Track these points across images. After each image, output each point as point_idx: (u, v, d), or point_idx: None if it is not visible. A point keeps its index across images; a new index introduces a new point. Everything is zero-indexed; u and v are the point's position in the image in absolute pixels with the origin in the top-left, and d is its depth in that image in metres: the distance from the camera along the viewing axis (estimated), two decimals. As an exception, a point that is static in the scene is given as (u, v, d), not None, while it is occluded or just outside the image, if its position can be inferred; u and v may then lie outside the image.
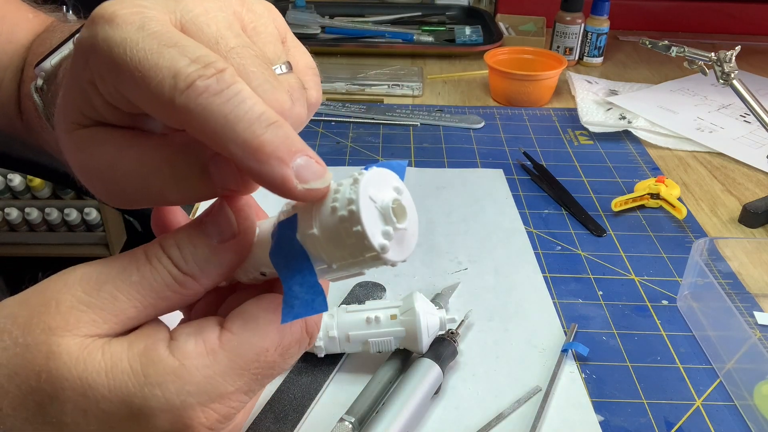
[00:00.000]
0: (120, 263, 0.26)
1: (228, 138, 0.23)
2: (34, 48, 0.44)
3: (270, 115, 0.24)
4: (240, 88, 0.23)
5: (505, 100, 0.93)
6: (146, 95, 0.24)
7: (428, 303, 0.45)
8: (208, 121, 0.23)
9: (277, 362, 0.27)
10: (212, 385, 0.25)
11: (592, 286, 0.56)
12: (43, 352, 0.25)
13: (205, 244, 0.27)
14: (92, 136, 0.27)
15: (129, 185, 0.26)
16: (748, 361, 0.44)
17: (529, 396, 0.45)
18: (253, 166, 0.23)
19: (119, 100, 0.25)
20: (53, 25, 0.46)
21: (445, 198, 0.68)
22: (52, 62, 0.38)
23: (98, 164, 0.27)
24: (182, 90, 0.23)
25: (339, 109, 0.87)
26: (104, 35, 0.24)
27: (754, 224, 0.65)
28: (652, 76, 1.04)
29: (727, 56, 0.70)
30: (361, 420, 0.41)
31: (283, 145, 0.23)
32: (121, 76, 0.24)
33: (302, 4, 1.19)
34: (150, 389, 0.25)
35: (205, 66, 0.23)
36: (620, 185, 0.72)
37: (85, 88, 0.26)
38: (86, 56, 0.25)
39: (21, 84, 0.45)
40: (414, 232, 0.27)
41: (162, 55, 0.23)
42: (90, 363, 0.25)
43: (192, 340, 0.26)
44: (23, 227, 1.65)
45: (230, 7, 0.27)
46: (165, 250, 0.27)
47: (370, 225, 0.24)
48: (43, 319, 0.25)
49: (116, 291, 0.26)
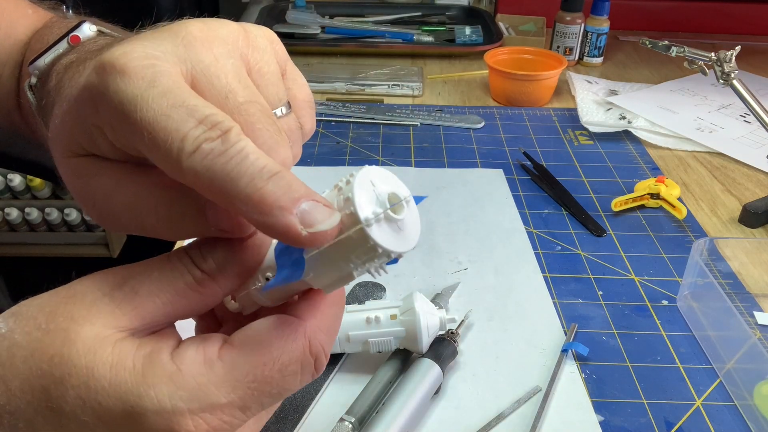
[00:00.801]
0: (145, 264, 0.27)
1: (232, 195, 0.24)
2: (32, 44, 0.45)
3: (272, 167, 0.24)
4: (243, 146, 0.24)
5: (505, 100, 0.93)
6: (155, 153, 0.25)
7: (428, 303, 0.45)
8: (213, 181, 0.24)
9: (275, 379, 0.27)
10: (204, 393, 0.25)
11: (592, 286, 0.56)
12: (60, 337, 0.26)
13: (224, 244, 0.28)
14: (89, 166, 0.28)
15: (123, 217, 0.28)
16: (748, 361, 0.44)
17: (529, 396, 0.45)
18: (258, 218, 0.24)
19: (127, 147, 0.26)
20: (51, 21, 0.46)
21: (445, 198, 0.68)
22: (45, 61, 0.38)
23: (94, 193, 0.28)
24: (189, 153, 0.24)
25: (339, 109, 0.87)
26: (115, 88, 0.25)
27: (754, 224, 0.65)
28: (652, 76, 1.04)
29: (727, 56, 0.70)
30: (361, 420, 0.41)
31: (285, 194, 0.24)
32: (132, 132, 0.25)
33: (302, 4, 1.19)
34: (145, 389, 0.25)
35: (212, 127, 0.24)
36: (620, 185, 0.72)
37: (91, 130, 0.26)
38: (95, 103, 0.26)
39: (20, 79, 0.45)
40: (412, 235, 0.27)
41: (171, 117, 0.24)
42: (99, 354, 0.25)
43: (193, 348, 0.26)
44: (23, 227, 1.65)
45: (237, 51, 0.28)
46: (187, 251, 0.28)
47: (360, 197, 0.24)
48: (68, 308, 0.26)
49: (137, 286, 0.27)
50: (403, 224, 0.26)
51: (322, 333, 0.28)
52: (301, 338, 0.27)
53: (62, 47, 0.38)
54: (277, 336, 0.27)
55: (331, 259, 0.26)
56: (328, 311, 0.28)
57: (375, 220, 0.24)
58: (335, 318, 0.29)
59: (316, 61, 1.05)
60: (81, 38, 0.38)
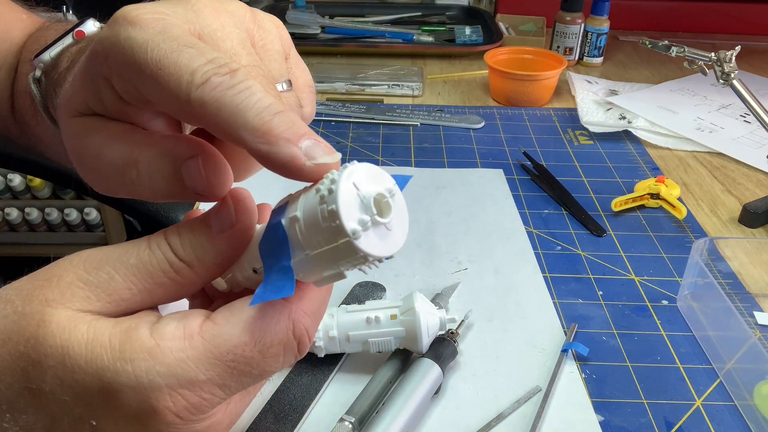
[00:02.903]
0: (124, 247, 0.28)
1: (239, 125, 0.25)
2: (29, 45, 0.46)
3: (278, 106, 0.25)
4: (251, 84, 0.25)
5: (505, 100, 0.93)
6: (163, 91, 0.25)
7: (428, 303, 0.45)
8: (221, 111, 0.25)
9: (256, 359, 0.26)
10: (183, 369, 0.25)
11: (592, 286, 0.56)
12: (36, 320, 0.26)
13: (204, 233, 0.28)
14: (88, 125, 0.29)
15: (109, 174, 0.28)
16: (748, 361, 0.44)
17: (529, 396, 0.45)
18: (263, 148, 0.24)
19: (133, 96, 0.27)
20: (47, 25, 0.47)
21: (445, 198, 0.68)
22: (51, 54, 0.39)
23: (88, 152, 0.29)
24: (198, 85, 0.25)
25: (339, 109, 0.87)
26: (126, 35, 0.26)
27: (754, 224, 0.65)
28: (652, 76, 1.04)
29: (727, 56, 0.70)
30: (361, 420, 0.41)
31: (290, 128, 0.25)
32: (140, 74, 0.26)
33: (302, 4, 1.19)
34: (122, 364, 0.25)
35: (220, 66, 0.25)
36: (620, 185, 0.72)
37: (98, 83, 0.27)
38: (106, 53, 0.27)
39: (15, 82, 0.45)
40: (400, 234, 0.26)
41: (181, 53, 0.25)
42: (74, 333, 0.25)
43: (174, 323, 0.26)
44: (23, 227, 1.65)
45: (243, 24, 0.30)
46: (166, 237, 0.28)
47: (345, 207, 0.24)
48: (44, 292, 0.26)
49: (113, 271, 0.27)
50: (390, 224, 0.25)
51: (306, 316, 0.28)
52: (285, 320, 0.27)
53: (68, 41, 0.39)
54: (260, 316, 0.26)
55: (319, 264, 0.26)
56: (314, 295, 0.28)
57: (363, 231, 0.24)
58: (321, 302, 0.29)
59: (316, 61, 1.05)
60: (86, 33, 0.39)
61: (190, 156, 0.27)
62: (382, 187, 0.26)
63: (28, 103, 0.44)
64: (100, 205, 1.60)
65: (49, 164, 0.85)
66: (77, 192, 1.57)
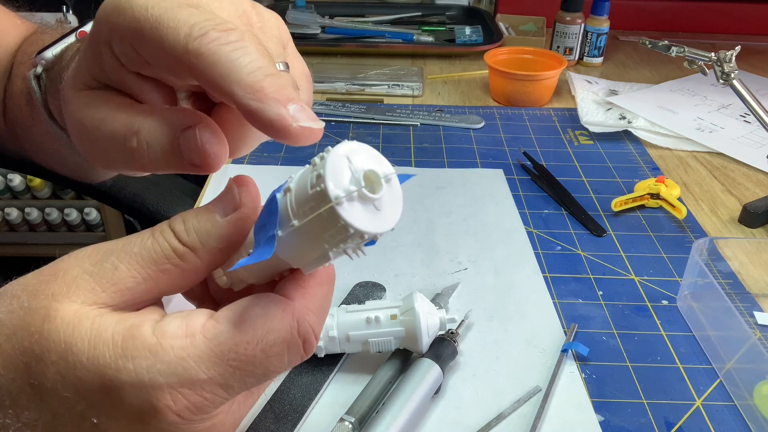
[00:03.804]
0: (128, 238, 0.28)
1: (233, 80, 0.25)
2: (24, 48, 0.46)
3: (271, 68, 0.26)
4: (246, 44, 0.26)
5: (505, 100, 0.93)
6: (161, 45, 0.26)
7: (428, 303, 0.45)
8: (216, 65, 0.25)
9: (258, 358, 0.26)
10: (184, 368, 0.25)
11: (592, 286, 0.56)
12: (41, 314, 0.26)
13: (208, 218, 0.28)
14: (93, 97, 0.29)
15: (110, 146, 0.29)
16: (748, 361, 0.44)
17: (529, 396, 0.45)
18: (253, 104, 0.25)
19: (132, 59, 0.28)
20: (42, 29, 0.48)
21: (445, 198, 0.68)
22: (54, 52, 0.40)
23: (90, 123, 0.29)
24: (196, 37, 0.25)
25: (339, 109, 0.87)
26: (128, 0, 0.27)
27: (754, 224, 0.65)
28: (652, 76, 1.04)
29: (727, 56, 0.70)
30: (361, 420, 0.41)
31: (281, 90, 0.25)
32: (139, 32, 0.26)
33: (302, 4, 1.19)
34: (123, 362, 0.25)
35: (218, 24, 0.26)
36: (620, 185, 0.72)
37: (101, 50, 0.28)
38: (107, 16, 0.27)
39: (9, 85, 0.45)
40: (390, 217, 0.25)
41: (181, 10, 0.26)
42: (78, 329, 0.25)
43: (176, 322, 0.26)
44: (23, 227, 1.65)
45: (242, 5, 0.30)
46: (170, 224, 0.28)
47: (332, 172, 0.24)
48: (50, 286, 0.26)
49: (117, 261, 0.27)
50: (380, 203, 0.25)
51: (311, 313, 0.27)
52: (289, 318, 0.27)
53: (70, 40, 0.40)
54: (263, 314, 0.26)
55: (305, 238, 0.25)
56: (317, 291, 0.28)
57: (347, 199, 0.23)
58: (324, 298, 0.29)
59: (316, 61, 1.05)
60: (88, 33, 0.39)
61: (188, 126, 0.28)
62: (378, 168, 0.25)
63: (24, 103, 0.44)
64: (100, 205, 1.60)
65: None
66: (77, 192, 1.57)
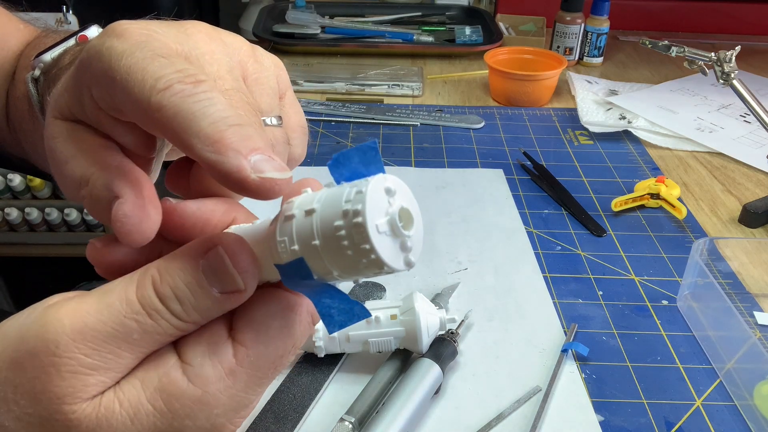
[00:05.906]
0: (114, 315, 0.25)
1: (191, 132, 0.24)
2: (27, 53, 0.46)
3: (236, 119, 0.24)
4: (213, 96, 0.24)
5: (505, 100, 0.93)
6: (129, 96, 0.25)
7: (428, 303, 0.45)
8: (176, 117, 0.24)
9: (288, 357, 0.28)
10: (237, 402, 0.26)
11: (592, 286, 0.56)
12: (61, 423, 0.24)
13: (207, 296, 0.26)
14: (65, 131, 0.29)
15: (69, 184, 0.28)
16: (748, 361, 0.44)
17: (529, 396, 0.45)
18: (210, 157, 0.23)
19: (108, 104, 0.27)
20: (45, 33, 0.48)
21: (445, 198, 0.68)
22: (52, 55, 0.39)
23: (58, 156, 0.28)
24: (159, 90, 0.24)
25: (339, 109, 0.87)
26: (109, 45, 0.26)
27: (754, 224, 0.65)
28: (652, 76, 1.04)
29: (727, 56, 0.70)
30: (361, 420, 0.41)
31: (243, 141, 0.24)
32: (112, 81, 0.25)
33: (302, 4, 1.19)
34: (180, 422, 0.25)
35: (187, 75, 0.25)
36: (620, 185, 0.72)
37: (81, 90, 0.27)
38: (89, 61, 0.27)
39: (12, 90, 0.45)
40: (416, 251, 0.26)
41: (153, 61, 0.25)
42: (113, 419, 0.24)
43: (208, 363, 0.26)
44: (23, 227, 1.65)
45: (237, 56, 0.29)
46: (164, 303, 0.25)
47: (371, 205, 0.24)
48: (48, 388, 0.24)
49: (119, 350, 0.25)
50: (411, 241, 0.25)
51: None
52: (306, 317, 0.28)
53: (70, 44, 0.40)
54: (286, 324, 0.27)
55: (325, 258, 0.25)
56: None
57: (381, 232, 0.24)
58: None
59: (316, 61, 1.05)
60: (89, 38, 0.40)
61: (115, 196, 0.26)
62: (410, 206, 0.26)
63: (26, 107, 0.44)
64: (100, 205, 1.59)
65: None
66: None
